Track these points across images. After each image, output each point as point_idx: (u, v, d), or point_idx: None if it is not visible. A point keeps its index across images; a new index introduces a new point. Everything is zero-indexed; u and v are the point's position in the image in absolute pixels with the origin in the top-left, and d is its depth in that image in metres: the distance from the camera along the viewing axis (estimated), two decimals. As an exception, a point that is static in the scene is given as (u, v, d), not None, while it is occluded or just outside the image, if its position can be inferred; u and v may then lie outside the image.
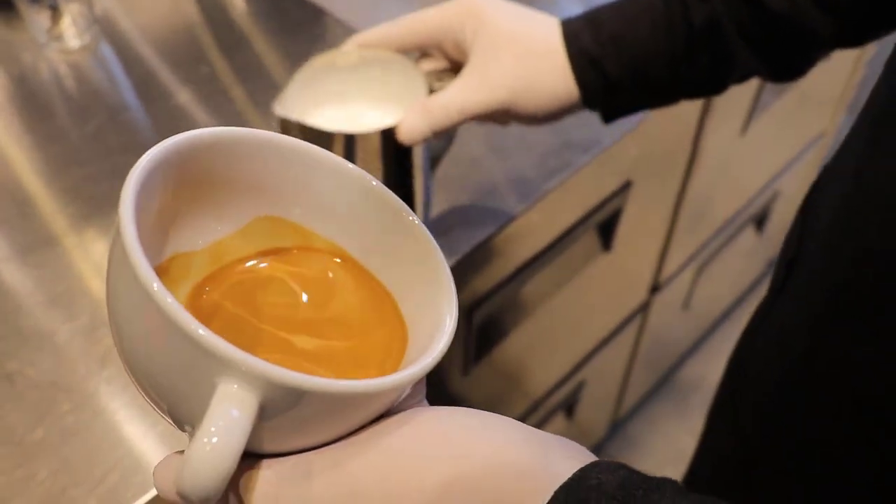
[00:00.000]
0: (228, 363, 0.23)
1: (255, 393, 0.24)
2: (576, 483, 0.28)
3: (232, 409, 0.24)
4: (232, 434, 0.24)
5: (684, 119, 0.89)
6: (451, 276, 0.31)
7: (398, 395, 0.29)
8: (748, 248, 1.44)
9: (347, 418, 0.28)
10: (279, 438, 0.27)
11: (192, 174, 0.30)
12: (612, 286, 1.04)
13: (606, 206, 0.84)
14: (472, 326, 0.77)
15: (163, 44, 0.84)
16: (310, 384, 0.24)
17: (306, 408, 0.25)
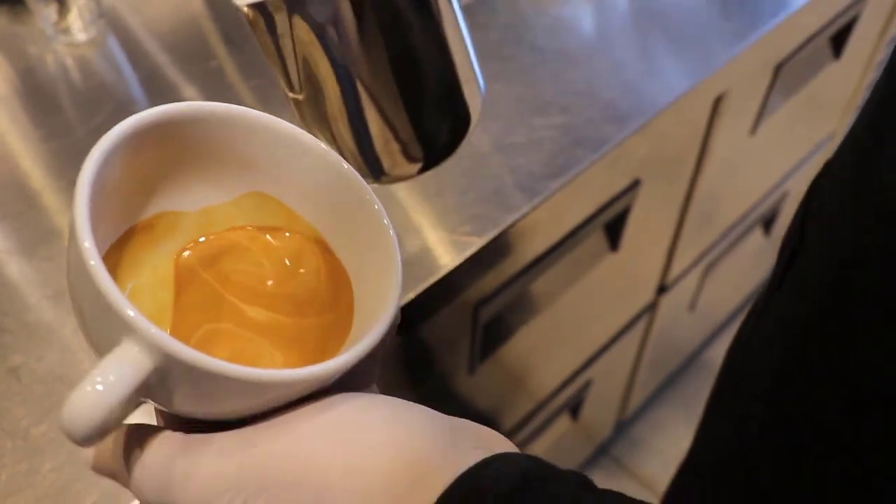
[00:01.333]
0: (131, 327, 0.26)
1: (151, 358, 0.26)
2: (475, 471, 0.28)
3: (123, 365, 0.26)
4: (114, 387, 0.26)
5: (694, 118, 0.89)
6: (400, 271, 0.32)
7: (311, 386, 0.30)
8: (756, 250, 1.44)
9: (253, 399, 0.29)
10: (188, 404, 0.29)
11: (176, 143, 0.32)
12: (619, 286, 1.04)
13: (614, 205, 0.83)
14: (477, 325, 0.76)
15: (169, 38, 0.84)
16: (200, 362, 0.26)
17: (205, 383, 0.27)
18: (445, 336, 0.75)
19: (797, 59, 1.00)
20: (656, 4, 0.87)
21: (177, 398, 0.28)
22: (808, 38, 1.00)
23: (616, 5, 0.88)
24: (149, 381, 0.27)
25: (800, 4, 0.89)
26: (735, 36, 0.84)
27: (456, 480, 0.28)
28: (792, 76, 1.03)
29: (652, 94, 0.78)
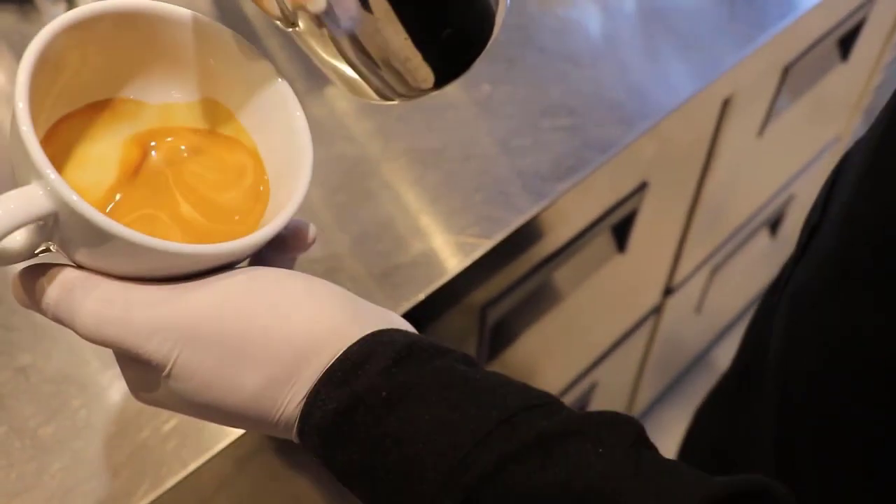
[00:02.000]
0: (39, 172, 0.30)
1: (51, 201, 0.30)
2: (370, 338, 0.33)
3: (24, 200, 0.30)
4: (11, 214, 0.30)
5: (702, 120, 0.89)
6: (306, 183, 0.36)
7: (191, 264, 0.33)
8: (762, 252, 1.44)
9: (152, 263, 0.32)
10: (90, 257, 0.32)
11: (138, 37, 0.36)
12: (626, 288, 1.04)
13: (622, 206, 0.83)
14: (485, 326, 0.76)
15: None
16: (90, 214, 0.30)
17: (102, 238, 0.31)
18: (452, 338, 0.75)
19: (805, 60, 1.00)
20: (663, 5, 0.87)
21: (81, 250, 0.32)
22: (816, 40, 0.99)
23: (623, 7, 0.88)
24: (49, 223, 0.31)
25: (808, 6, 0.89)
26: (743, 38, 0.84)
27: (355, 343, 0.33)
28: (800, 78, 1.03)
29: (659, 96, 0.78)
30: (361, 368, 0.32)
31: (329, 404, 0.32)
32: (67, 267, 0.34)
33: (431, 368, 0.32)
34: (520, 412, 0.31)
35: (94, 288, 0.33)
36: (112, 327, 0.32)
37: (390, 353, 0.32)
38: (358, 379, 0.32)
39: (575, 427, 0.31)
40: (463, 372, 0.33)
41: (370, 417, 0.32)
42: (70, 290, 0.33)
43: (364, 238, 0.66)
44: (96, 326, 0.33)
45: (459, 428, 0.31)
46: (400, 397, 0.31)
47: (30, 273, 0.34)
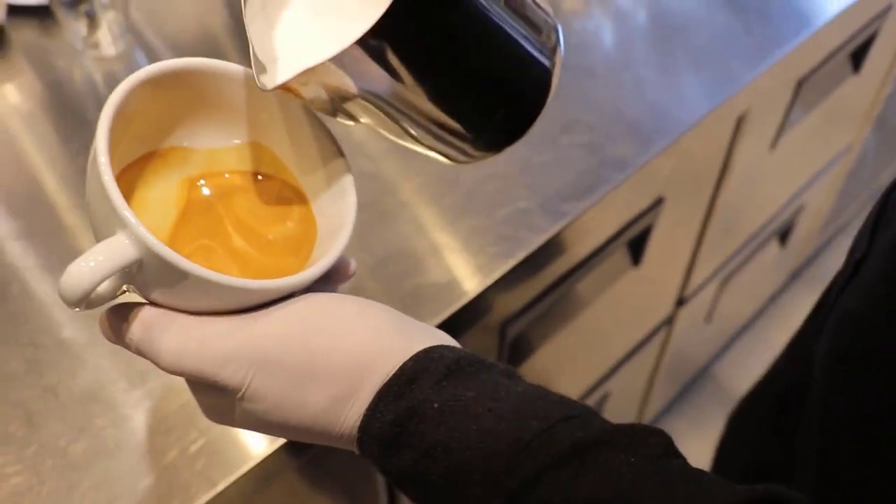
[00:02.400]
0: (124, 222, 0.32)
1: (136, 249, 0.33)
2: (423, 354, 0.36)
3: (112, 250, 0.32)
4: (102, 265, 0.32)
5: (718, 135, 0.89)
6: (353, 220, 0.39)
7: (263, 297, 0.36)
8: (771, 261, 1.44)
9: (222, 298, 0.35)
10: (167, 296, 0.35)
11: (189, 90, 0.39)
12: (639, 300, 1.04)
13: (638, 222, 0.84)
14: (504, 343, 0.77)
15: (192, 52, 0.84)
16: (173, 258, 0.32)
17: (177, 279, 0.33)
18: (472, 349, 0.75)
19: (818, 73, 1.00)
20: (678, 21, 0.88)
21: (158, 290, 0.35)
22: (829, 54, 1.00)
23: (638, 22, 0.88)
24: (132, 268, 0.33)
25: (822, 21, 0.89)
26: (759, 53, 0.85)
27: (408, 359, 0.36)
28: (812, 91, 1.03)
29: (677, 112, 0.78)
30: (415, 383, 0.35)
31: (386, 416, 0.35)
32: (145, 306, 0.37)
33: (478, 382, 0.35)
34: (558, 423, 0.34)
35: (171, 324, 0.36)
36: (190, 359, 0.35)
37: (440, 368, 0.35)
38: (412, 392, 0.35)
39: (607, 437, 0.34)
40: (507, 385, 0.36)
41: (423, 427, 0.35)
42: (149, 327, 0.36)
43: (384, 258, 0.66)
44: (176, 359, 0.36)
45: (504, 437, 0.34)
46: (450, 409, 0.35)
47: (113, 313, 0.37)
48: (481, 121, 0.39)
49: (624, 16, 0.88)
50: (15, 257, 0.66)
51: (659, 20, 0.88)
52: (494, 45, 0.37)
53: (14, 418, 0.57)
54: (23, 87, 0.81)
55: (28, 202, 0.70)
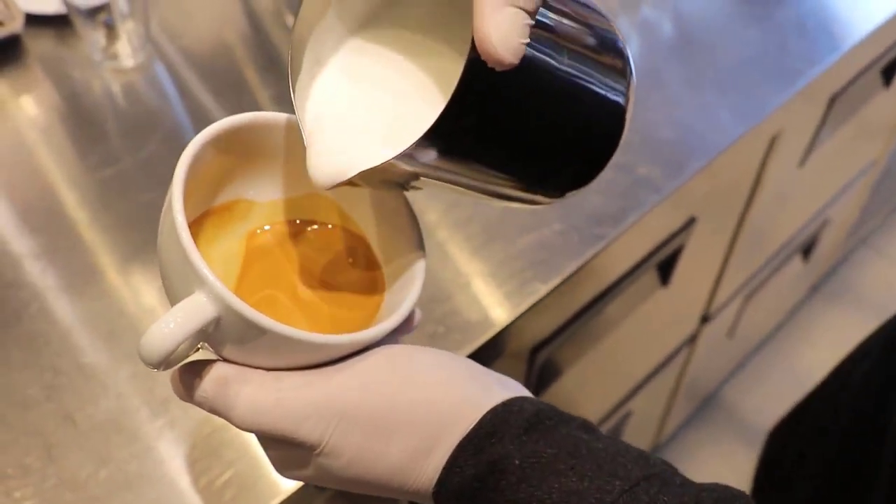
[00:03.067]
0: (203, 281, 0.32)
1: (215, 307, 0.32)
2: (501, 407, 0.35)
3: (192, 310, 0.32)
4: (182, 326, 0.32)
5: (750, 153, 0.87)
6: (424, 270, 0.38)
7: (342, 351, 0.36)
8: (793, 275, 1.42)
9: (299, 353, 0.34)
10: (243, 353, 0.35)
11: (252, 144, 0.38)
12: (666, 319, 1.02)
13: (670, 243, 0.82)
14: (533, 369, 0.75)
15: (211, 64, 0.82)
16: (253, 315, 0.32)
17: (256, 335, 0.33)
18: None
19: (850, 90, 0.98)
20: (710, 40, 0.86)
21: (234, 347, 0.34)
22: (862, 70, 0.98)
23: (669, 42, 0.86)
24: (210, 327, 0.33)
25: (856, 39, 0.87)
26: (793, 72, 0.83)
27: (487, 413, 0.35)
28: (843, 107, 1.01)
29: (711, 132, 0.76)
30: (495, 437, 0.35)
31: (466, 471, 0.35)
32: (219, 363, 0.36)
33: (559, 437, 0.35)
34: (641, 482, 0.34)
35: (247, 381, 0.35)
36: (267, 416, 0.35)
37: (520, 422, 0.35)
38: (492, 447, 0.35)
39: (690, 501, 0.34)
40: (587, 441, 0.35)
41: (504, 484, 0.34)
42: (224, 384, 0.35)
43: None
44: (252, 417, 0.35)
45: (586, 497, 0.34)
46: (532, 465, 0.34)
47: (186, 370, 0.37)
48: (554, 180, 0.37)
49: (652, 35, 0.86)
50: (34, 276, 0.64)
51: (689, 38, 0.86)
52: (564, 108, 0.34)
53: (33, 448, 0.55)
54: (40, 98, 0.79)
55: (46, 218, 0.68)
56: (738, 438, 1.58)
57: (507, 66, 0.28)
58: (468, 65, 0.28)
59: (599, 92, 0.35)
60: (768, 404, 1.62)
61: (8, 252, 0.66)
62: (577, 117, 0.35)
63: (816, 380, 0.81)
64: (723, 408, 1.62)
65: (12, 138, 0.74)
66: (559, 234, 0.68)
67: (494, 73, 0.29)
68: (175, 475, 0.55)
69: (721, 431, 1.59)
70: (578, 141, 0.36)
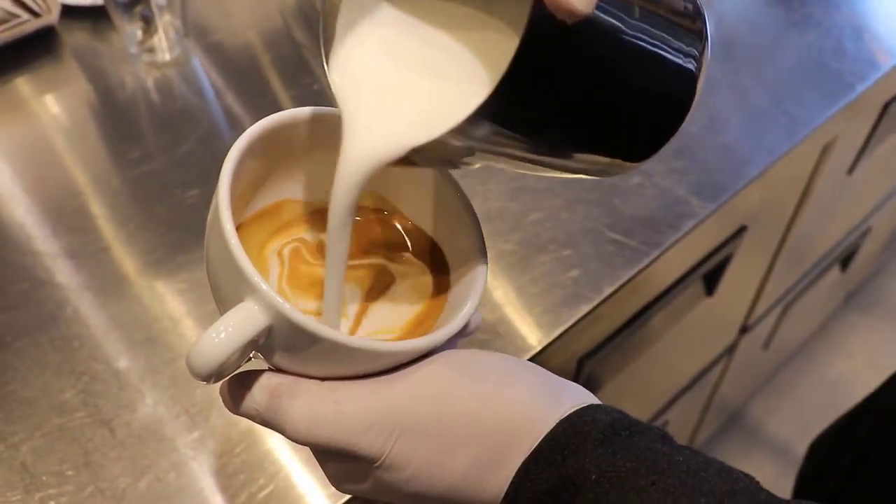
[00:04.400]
0: (253, 288, 0.30)
1: (267, 315, 0.30)
2: (574, 417, 0.33)
3: (242, 319, 0.30)
4: (233, 336, 0.30)
5: (803, 161, 0.84)
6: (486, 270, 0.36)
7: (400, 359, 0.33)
8: (831, 285, 1.39)
9: (355, 362, 0.32)
10: (297, 363, 0.33)
11: (300, 140, 0.36)
12: (707, 329, 1.00)
13: (719, 252, 0.79)
14: (580, 376, 0.72)
15: (243, 62, 0.80)
16: (307, 324, 0.30)
17: (311, 343, 0.31)
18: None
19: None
20: (753, 41, 0.83)
21: (286, 356, 0.32)
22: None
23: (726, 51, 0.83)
24: (261, 336, 0.31)
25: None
26: (849, 78, 0.80)
27: (559, 423, 0.33)
28: (894, 113, 0.98)
29: (767, 139, 0.73)
30: (568, 449, 0.33)
31: (539, 485, 0.33)
32: (268, 372, 0.34)
33: (636, 450, 0.33)
34: (725, 498, 0.32)
35: (301, 392, 0.33)
36: (324, 428, 0.32)
37: (595, 433, 0.33)
38: (566, 460, 0.32)
39: None
40: (666, 454, 0.33)
41: (580, 500, 0.32)
42: (277, 395, 0.33)
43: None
44: (307, 429, 0.32)
45: None
46: (609, 480, 0.32)
47: (235, 382, 0.35)
48: (621, 149, 0.34)
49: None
50: (68, 277, 0.62)
51: (731, 40, 0.83)
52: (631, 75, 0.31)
53: (69, 456, 0.53)
54: (74, 93, 0.77)
55: (79, 218, 0.66)
56: (768, 450, 1.55)
57: (580, 16, 0.25)
58: (532, 19, 0.25)
59: (671, 57, 0.32)
60: (798, 416, 1.59)
61: (41, 252, 0.64)
62: (645, 81, 0.32)
63: (848, 391, 0.78)
64: (752, 418, 1.59)
65: (44, 133, 0.73)
66: (613, 242, 0.65)
67: (559, 30, 0.25)
68: (215, 488, 0.53)
69: (750, 443, 1.56)
70: (645, 106, 0.33)
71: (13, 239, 0.65)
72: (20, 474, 0.52)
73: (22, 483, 0.52)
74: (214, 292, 0.34)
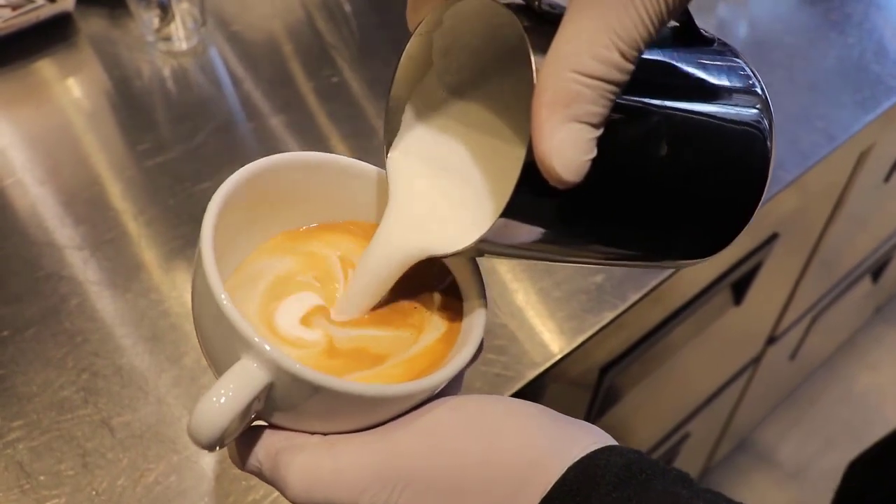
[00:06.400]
0: (249, 345, 0.29)
1: (266, 373, 0.29)
2: (587, 461, 0.31)
3: (242, 379, 0.29)
4: (234, 399, 0.28)
5: (839, 167, 0.81)
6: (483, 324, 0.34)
7: (414, 401, 0.32)
8: (860, 297, 1.35)
9: (354, 410, 0.31)
10: (302, 418, 0.31)
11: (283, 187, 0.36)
12: (733, 339, 0.97)
13: (749, 260, 0.76)
14: (601, 387, 0.70)
15: (261, 53, 0.78)
16: (310, 377, 0.28)
17: (310, 394, 0.29)
18: (565, 397, 0.68)
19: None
20: (788, 42, 0.80)
21: (285, 412, 0.31)
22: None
23: (740, 42, 0.80)
24: (262, 394, 0.29)
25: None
26: (888, 81, 0.76)
27: (570, 468, 0.31)
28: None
29: (802, 143, 0.70)
30: (580, 495, 0.31)
31: None
32: (269, 430, 0.32)
33: (654, 494, 0.31)
34: None
35: (299, 451, 0.31)
36: (323, 489, 0.31)
37: (609, 476, 0.31)
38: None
39: None
40: (686, 498, 0.31)
41: None
42: (275, 455, 0.31)
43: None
44: (307, 491, 0.31)
45: None
46: None
47: (242, 438, 0.33)
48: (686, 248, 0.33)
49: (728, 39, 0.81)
50: (76, 269, 0.60)
51: (765, 41, 0.80)
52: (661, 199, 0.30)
53: (68, 455, 0.51)
54: (88, 80, 0.75)
55: (90, 208, 0.64)
56: (789, 463, 1.51)
57: (569, 185, 0.25)
58: (525, 169, 0.26)
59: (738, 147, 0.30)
60: (822, 429, 1.55)
61: (49, 242, 0.62)
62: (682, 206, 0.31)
63: (874, 404, 0.75)
64: (775, 429, 1.56)
65: (58, 121, 0.71)
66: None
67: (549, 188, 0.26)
68: (220, 491, 0.50)
69: (771, 455, 1.53)
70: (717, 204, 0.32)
71: (21, 228, 0.63)
72: (16, 474, 0.50)
73: (18, 484, 0.50)
74: (205, 350, 0.33)
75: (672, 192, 0.30)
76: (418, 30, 0.31)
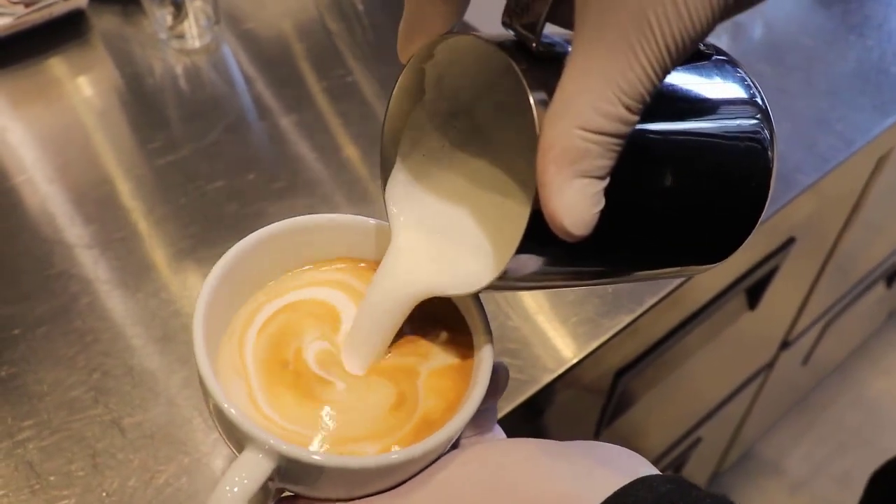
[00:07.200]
0: (251, 438, 0.30)
1: (271, 460, 0.30)
2: (613, 500, 0.29)
3: (249, 469, 0.30)
4: (244, 488, 0.30)
5: (857, 172, 0.80)
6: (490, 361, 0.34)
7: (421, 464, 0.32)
8: (874, 302, 1.34)
9: (367, 481, 0.31)
10: (321, 491, 0.32)
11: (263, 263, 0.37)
12: (747, 344, 0.96)
13: (766, 264, 0.75)
14: (615, 392, 0.69)
15: (273, 53, 0.78)
16: (314, 460, 0.30)
17: (319, 473, 0.30)
18: (578, 401, 0.68)
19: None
20: (804, 43, 0.79)
21: (302, 486, 0.32)
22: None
23: (754, 43, 0.79)
24: (274, 476, 0.31)
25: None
26: (910, 83, 0.76)
27: None
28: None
29: (820, 146, 0.69)
30: None
31: None
32: (289, 497, 0.33)
33: None
34: None
35: None
36: None
37: None
38: None
39: None
40: None
41: None
42: None
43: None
44: None
45: None
46: None
47: None
48: (689, 260, 0.33)
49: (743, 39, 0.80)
50: (86, 268, 0.60)
51: (780, 42, 0.79)
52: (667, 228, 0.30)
53: (77, 455, 0.51)
54: (101, 78, 0.75)
55: (101, 207, 0.64)
56: (801, 467, 1.50)
57: (578, 239, 0.25)
58: (531, 217, 0.26)
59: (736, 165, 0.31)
60: (834, 434, 1.54)
61: (59, 240, 0.62)
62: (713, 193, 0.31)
63: (887, 409, 0.74)
64: (787, 434, 1.55)
65: (69, 119, 0.71)
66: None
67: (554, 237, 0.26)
68: (228, 496, 0.50)
69: (783, 459, 1.51)
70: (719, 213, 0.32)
71: (32, 225, 0.62)
72: (27, 474, 0.50)
73: (28, 484, 0.50)
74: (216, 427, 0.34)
75: (675, 215, 0.30)
76: (410, 63, 0.31)
